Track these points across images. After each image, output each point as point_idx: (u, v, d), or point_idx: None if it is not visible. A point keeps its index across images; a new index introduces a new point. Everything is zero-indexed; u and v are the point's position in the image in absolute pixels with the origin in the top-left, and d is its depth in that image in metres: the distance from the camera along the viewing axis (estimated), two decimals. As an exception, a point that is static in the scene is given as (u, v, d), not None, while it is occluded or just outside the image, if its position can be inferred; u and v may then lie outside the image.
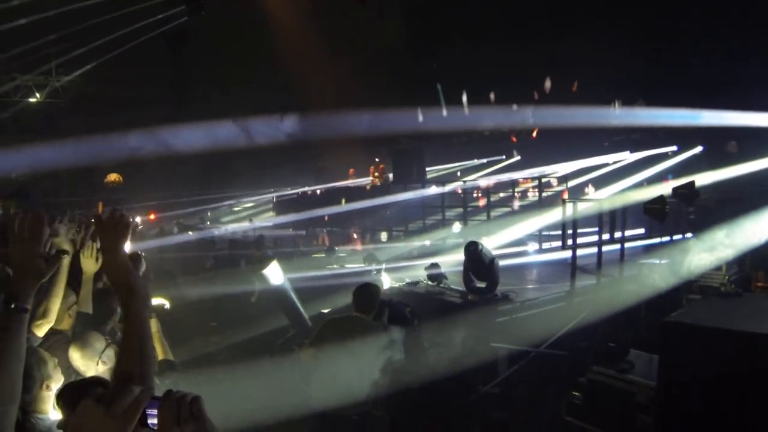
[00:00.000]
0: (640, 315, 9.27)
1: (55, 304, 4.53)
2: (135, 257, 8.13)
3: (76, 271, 5.40)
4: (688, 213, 13.74)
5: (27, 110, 26.04)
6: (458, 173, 28.27)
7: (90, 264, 5.17)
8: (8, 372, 2.20)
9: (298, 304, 9.69)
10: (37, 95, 26.02)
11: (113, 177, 31.74)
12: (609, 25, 20.22)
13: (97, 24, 19.41)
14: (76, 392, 3.25)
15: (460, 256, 10.64)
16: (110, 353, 4.50)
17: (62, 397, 3.27)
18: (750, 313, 6.06)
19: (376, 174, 25.72)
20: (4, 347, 2.21)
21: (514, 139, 26.59)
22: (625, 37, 19.70)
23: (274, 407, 7.84)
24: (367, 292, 6.58)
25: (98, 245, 5.63)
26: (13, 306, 2.24)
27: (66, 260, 4.63)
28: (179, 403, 1.58)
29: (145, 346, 2.25)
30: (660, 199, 9.70)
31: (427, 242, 17.44)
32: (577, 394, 7.23)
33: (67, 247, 4.74)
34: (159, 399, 1.62)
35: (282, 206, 28.55)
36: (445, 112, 24.30)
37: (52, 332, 4.90)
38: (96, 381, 3.50)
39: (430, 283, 11.08)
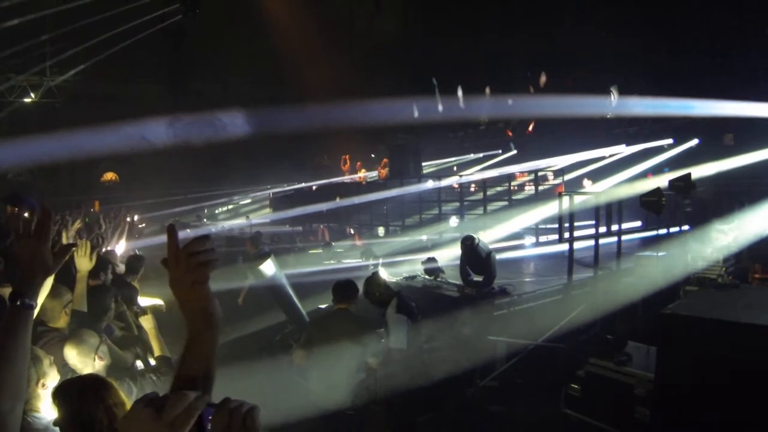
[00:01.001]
0: (637, 307, 9.27)
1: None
2: (137, 258, 8.16)
3: (69, 269, 5.39)
4: (685, 206, 13.74)
5: (22, 110, 26.00)
6: (455, 168, 28.24)
7: (84, 262, 5.15)
8: (16, 367, 2.20)
9: (296, 300, 9.69)
10: (32, 95, 25.99)
11: (110, 176, 31.75)
12: (605, 17, 20.21)
13: (91, 23, 19.40)
14: (72, 389, 3.23)
15: (457, 250, 10.63)
16: (104, 349, 4.50)
17: (58, 395, 3.25)
18: (747, 305, 6.06)
19: (382, 168, 25.80)
20: (12, 343, 2.21)
21: (510, 133, 26.55)
22: (621, 28, 19.70)
23: (273, 403, 7.81)
24: (344, 284, 6.75)
25: (93, 243, 5.63)
26: (19, 303, 2.24)
27: None
28: (233, 413, 1.54)
29: (210, 373, 2.15)
30: (656, 192, 9.69)
31: (424, 237, 17.43)
32: (575, 386, 7.24)
33: (64, 241, 4.73)
34: (215, 407, 1.59)
35: (278, 202, 28.52)
36: (440, 107, 24.29)
37: (47, 330, 4.88)
38: (93, 378, 3.48)
39: (427, 277, 11.06)
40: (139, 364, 5.45)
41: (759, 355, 5.07)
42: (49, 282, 3.37)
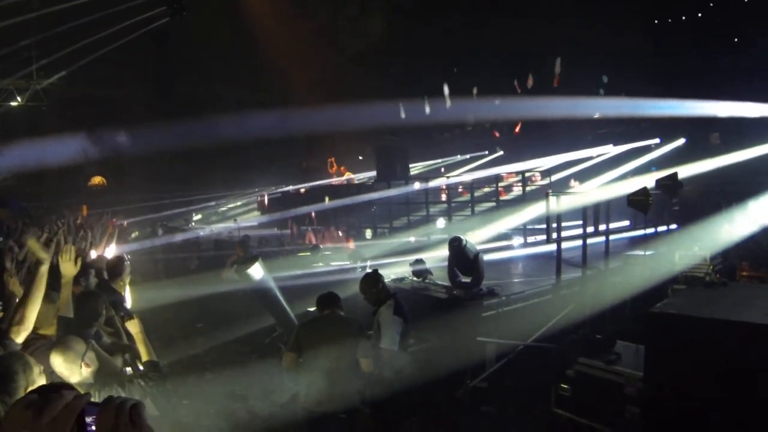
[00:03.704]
0: (626, 306, 9.30)
1: (32, 312, 4.44)
2: (118, 261, 8.10)
3: (55, 274, 5.37)
4: (672, 204, 13.80)
5: (9, 114, 25.89)
6: (442, 169, 28.32)
7: (69, 267, 5.12)
8: None
9: (284, 303, 9.68)
10: (19, 99, 25.87)
11: (97, 180, 31.60)
12: (592, 18, 20.26)
13: (77, 26, 19.35)
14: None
15: (444, 251, 10.64)
16: (91, 355, 4.45)
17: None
18: (734, 302, 6.09)
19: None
20: None
21: (497, 135, 26.65)
22: (608, 29, 19.76)
23: (263, 407, 7.83)
24: (327, 295, 6.69)
25: (78, 248, 5.60)
26: None
27: (44, 268, 4.58)
28: (119, 409, 1.52)
29: None
30: (643, 191, 9.72)
31: (412, 238, 17.44)
32: (565, 386, 7.24)
33: (43, 253, 4.69)
34: (99, 405, 1.56)
35: (267, 206, 28.52)
36: (428, 108, 24.33)
37: (36, 337, 4.85)
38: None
39: (415, 279, 11.05)
40: (128, 369, 5.42)
41: (745, 351, 5.09)
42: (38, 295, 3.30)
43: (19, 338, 4.38)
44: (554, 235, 11.11)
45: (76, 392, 1.55)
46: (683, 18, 18.57)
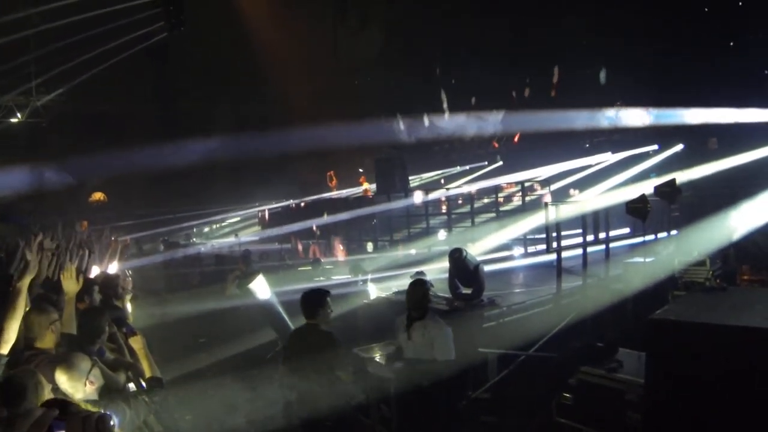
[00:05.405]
0: (627, 313, 9.31)
1: (12, 325, 4.42)
2: (113, 278, 8.12)
3: (57, 288, 5.39)
4: (672, 211, 13.82)
5: (9, 131, 25.90)
6: (442, 181, 28.33)
7: (71, 284, 5.14)
8: None
9: (286, 318, 9.68)
10: (19, 115, 25.87)
11: (98, 196, 31.58)
12: (587, 26, 20.33)
13: (77, 42, 19.44)
14: None
15: (445, 263, 10.63)
16: (96, 372, 4.46)
17: None
18: (733, 307, 6.10)
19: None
20: None
21: (496, 145, 26.69)
22: (603, 38, 19.83)
23: (265, 421, 7.83)
24: (307, 298, 6.61)
25: (78, 266, 5.62)
26: None
27: (25, 281, 4.57)
28: (85, 422, 1.56)
29: None
30: (642, 198, 9.75)
31: (413, 251, 17.42)
32: (567, 395, 7.25)
33: (29, 257, 4.67)
34: (65, 420, 1.59)
35: (268, 220, 28.55)
36: (426, 121, 24.41)
37: (35, 353, 4.85)
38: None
39: (416, 291, 11.02)
40: (131, 386, 5.43)
41: (745, 356, 5.10)
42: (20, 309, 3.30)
43: (4, 349, 4.36)
44: (554, 245, 11.13)
45: (44, 409, 1.59)
46: (678, 26, 18.60)
